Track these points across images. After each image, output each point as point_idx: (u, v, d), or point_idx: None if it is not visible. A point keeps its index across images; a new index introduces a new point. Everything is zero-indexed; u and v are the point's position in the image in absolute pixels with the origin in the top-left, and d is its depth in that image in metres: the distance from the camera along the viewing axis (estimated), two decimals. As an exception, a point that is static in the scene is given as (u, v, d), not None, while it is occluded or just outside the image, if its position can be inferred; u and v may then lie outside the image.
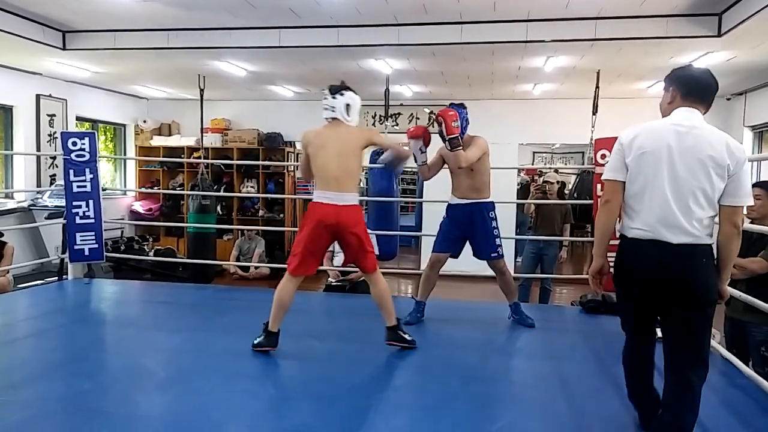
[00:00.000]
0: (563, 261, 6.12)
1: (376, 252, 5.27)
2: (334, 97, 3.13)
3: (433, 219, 8.48)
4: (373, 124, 9.28)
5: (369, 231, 5.39)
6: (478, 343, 3.57)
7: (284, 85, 8.20)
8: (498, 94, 8.42)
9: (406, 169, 13.98)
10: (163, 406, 2.60)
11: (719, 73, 6.94)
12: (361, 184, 15.88)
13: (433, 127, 3.84)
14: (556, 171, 6.75)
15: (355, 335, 3.70)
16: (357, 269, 5.12)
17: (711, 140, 2.01)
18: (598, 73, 6.19)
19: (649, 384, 2.26)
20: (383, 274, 3.42)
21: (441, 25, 5.22)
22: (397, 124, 8.99)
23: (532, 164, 13.64)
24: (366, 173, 15.45)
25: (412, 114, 9.15)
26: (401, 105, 8.91)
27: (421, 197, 9.32)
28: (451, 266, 3.93)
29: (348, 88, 3.18)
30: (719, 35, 4.90)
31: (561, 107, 8.54)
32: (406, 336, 3.30)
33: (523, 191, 10.19)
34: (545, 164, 14.35)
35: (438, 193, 7.75)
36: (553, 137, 9.47)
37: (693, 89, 2.12)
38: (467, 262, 3.91)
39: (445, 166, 3.91)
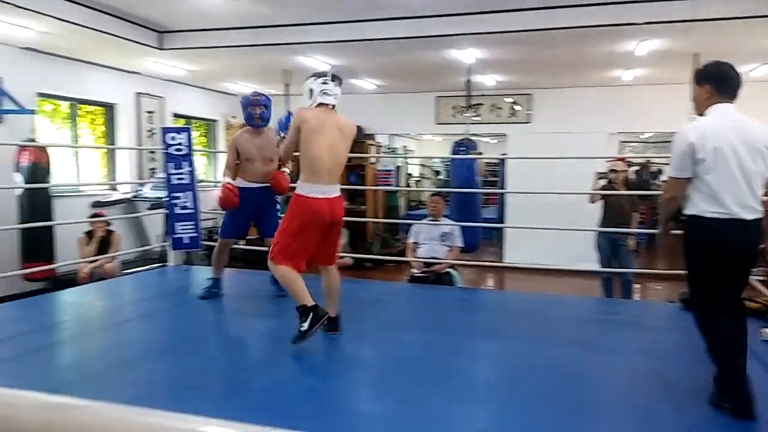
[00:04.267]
0: (630, 250, 5.89)
1: (461, 245, 5.31)
2: (336, 85, 3.15)
3: (516, 211, 8.40)
4: (453, 116, 9.20)
5: (453, 222, 5.41)
6: (568, 339, 3.45)
7: (366, 78, 8.29)
8: (585, 81, 8.10)
9: (487, 161, 13.80)
10: (261, 382, 2.72)
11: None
12: (441, 176, 15.90)
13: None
14: (622, 160, 6.50)
15: (443, 327, 3.69)
16: (441, 261, 5.15)
17: (759, 130, 2.40)
18: (696, 56, 5.80)
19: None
20: (464, 266, 3.39)
21: (527, 11, 5.07)
22: (478, 115, 8.87)
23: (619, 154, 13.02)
24: (448, 164, 15.43)
25: (493, 104, 9.00)
26: (482, 95, 8.77)
27: (504, 188, 9.18)
28: (533, 259, 3.84)
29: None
30: (836, 10, 4.48)
31: (653, 94, 8.10)
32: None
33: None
34: (634, 154, 13.67)
35: (522, 184, 7.64)
36: (643, 125, 9.00)
37: (728, 86, 2.47)
38: (550, 255, 3.79)
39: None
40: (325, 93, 3.09)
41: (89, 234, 6.16)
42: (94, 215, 6.36)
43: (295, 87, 8.15)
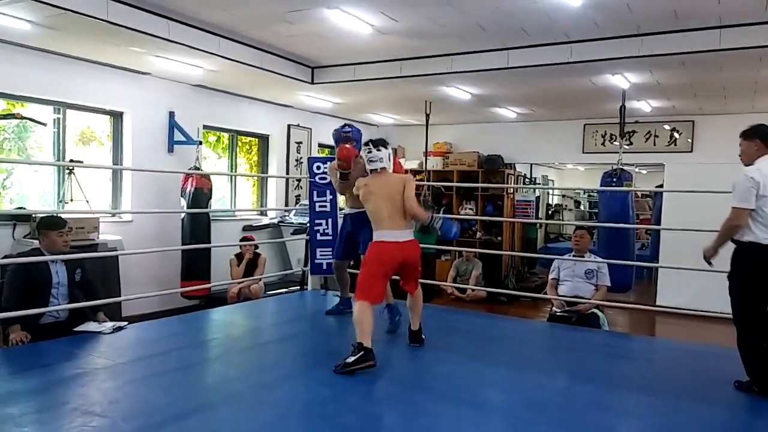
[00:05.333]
0: None
1: (608, 284, 4.88)
2: (378, 150, 3.51)
3: (673, 249, 7.60)
4: (603, 144, 8.65)
5: (600, 259, 5.00)
6: (739, 401, 2.99)
7: (507, 106, 8.10)
8: (761, 107, 7.19)
9: (638, 192, 12.79)
10: (391, 419, 2.63)
11: None
12: (583, 208, 15.04)
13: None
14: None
15: (587, 374, 3.37)
16: (585, 300, 4.77)
17: None
18: None
19: None
20: (614, 307, 3.14)
21: (694, 31, 4.61)
22: (630, 143, 8.23)
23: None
24: (591, 195, 14.55)
25: (649, 132, 8.30)
26: (636, 122, 8.14)
27: (659, 224, 8.39)
28: (692, 303, 3.41)
29: (386, 142, 3.64)
30: None
31: None
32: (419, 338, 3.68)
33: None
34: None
35: (681, 219, 6.90)
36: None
37: None
38: (714, 300, 3.34)
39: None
40: (371, 161, 3.53)
41: (239, 256, 6.60)
42: (244, 238, 6.81)
43: (434, 117, 8.22)
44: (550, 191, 14.28)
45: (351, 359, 3.07)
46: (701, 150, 7.98)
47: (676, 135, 8.16)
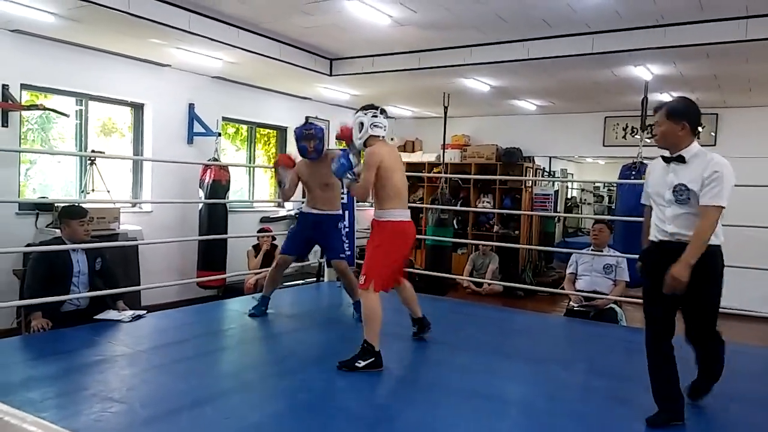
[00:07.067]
0: None
1: (627, 279, 4.81)
2: (384, 117, 3.31)
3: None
4: (624, 137, 8.53)
5: (619, 254, 4.93)
6: (757, 397, 2.94)
7: (527, 98, 8.02)
8: (788, 100, 7.04)
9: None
10: (406, 413, 2.62)
11: None
12: (605, 202, 14.86)
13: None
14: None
15: (606, 369, 3.34)
16: (603, 296, 4.72)
17: None
18: None
19: None
20: (632, 303, 3.07)
21: (720, 21, 4.51)
22: (652, 137, 8.10)
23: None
24: (612, 187, 14.32)
25: (671, 125, 8.15)
26: (658, 115, 8.00)
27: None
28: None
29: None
30: None
31: None
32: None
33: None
34: None
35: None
36: None
37: (699, 124, 2.62)
38: (730, 296, 3.25)
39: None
40: (375, 126, 3.27)
41: (256, 248, 6.64)
42: (261, 230, 6.85)
43: (452, 109, 8.16)
44: (569, 185, 14.12)
45: (361, 363, 3.00)
46: (724, 143, 7.81)
47: (699, 128, 8.00)
